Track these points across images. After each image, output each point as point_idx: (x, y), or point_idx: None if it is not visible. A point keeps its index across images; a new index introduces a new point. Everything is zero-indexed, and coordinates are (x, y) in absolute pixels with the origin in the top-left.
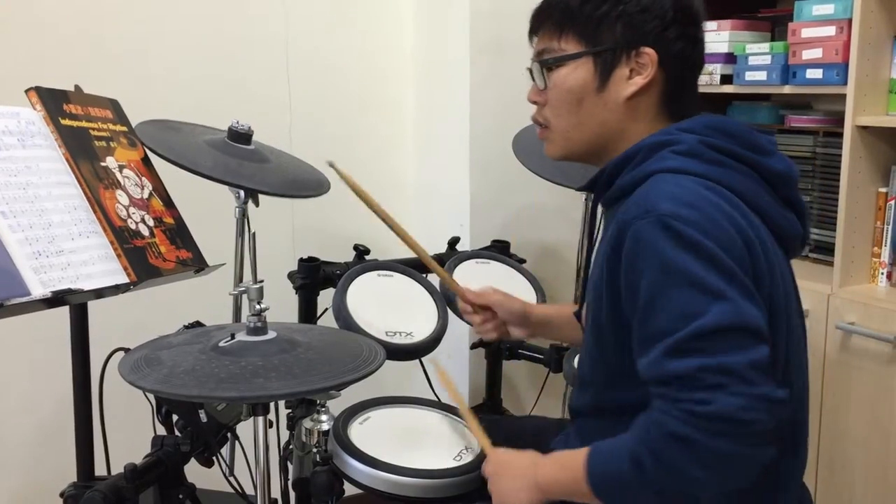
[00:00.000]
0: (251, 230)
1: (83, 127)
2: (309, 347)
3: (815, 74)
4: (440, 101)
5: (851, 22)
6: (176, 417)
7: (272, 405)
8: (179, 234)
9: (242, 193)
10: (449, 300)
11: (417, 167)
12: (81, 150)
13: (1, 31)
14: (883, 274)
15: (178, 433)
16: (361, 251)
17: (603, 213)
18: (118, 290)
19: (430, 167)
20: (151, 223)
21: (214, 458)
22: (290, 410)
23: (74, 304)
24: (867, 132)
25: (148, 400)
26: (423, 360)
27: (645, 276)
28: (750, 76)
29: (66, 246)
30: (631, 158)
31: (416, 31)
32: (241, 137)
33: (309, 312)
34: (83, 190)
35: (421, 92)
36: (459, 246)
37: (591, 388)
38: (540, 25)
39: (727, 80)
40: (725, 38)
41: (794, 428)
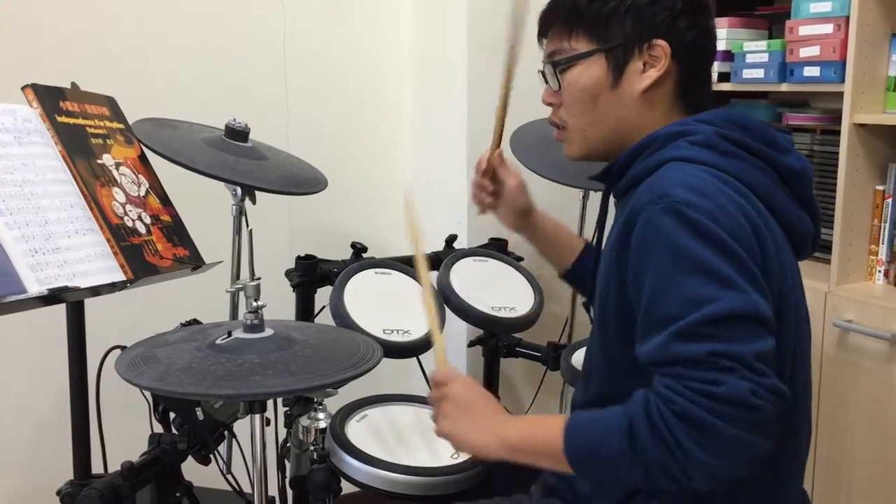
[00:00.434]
0: (248, 228)
1: (80, 124)
2: (306, 345)
3: (812, 72)
4: (438, 99)
5: (849, 19)
6: (173, 415)
7: (269, 403)
8: (176, 231)
9: (239, 191)
10: (446, 298)
11: (415, 165)
12: (78, 147)
13: None
14: (880, 272)
15: (174, 431)
16: (359, 249)
17: (615, 204)
18: (115, 287)
19: (427, 165)
20: (148, 221)
21: (211, 455)
22: (287, 408)
23: (71, 301)
24: (865, 130)
25: (145, 398)
26: (420, 357)
27: (654, 261)
28: (747, 74)
29: (62, 243)
30: (645, 147)
31: (413, 29)
32: (238, 135)
33: (306, 310)
34: (80, 187)
35: (419, 90)
36: (457, 244)
37: (595, 379)
38: (549, 27)
39: (724, 77)
40: (723, 35)
41: (795, 425)
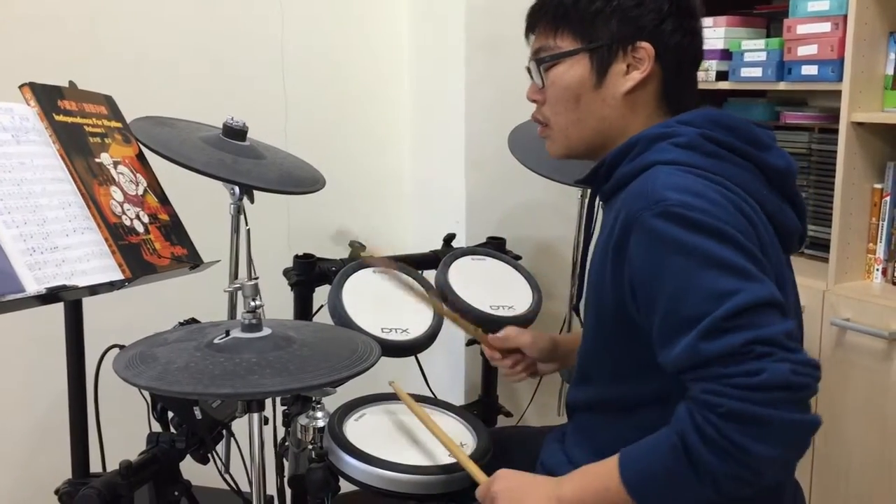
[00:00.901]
0: (246, 227)
1: (77, 123)
2: (304, 344)
3: (810, 71)
4: (436, 97)
5: (847, 18)
6: (171, 414)
7: (267, 402)
8: (174, 230)
9: (237, 190)
10: (444, 297)
11: (413, 164)
12: (76, 146)
13: None
14: (878, 270)
15: (173, 430)
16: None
17: (601, 206)
18: (113, 286)
19: (426, 164)
20: (146, 220)
21: (210, 455)
22: (285, 407)
23: (69, 300)
24: (862, 128)
25: (143, 397)
26: (418, 356)
27: (665, 266)
28: (745, 73)
29: (60, 242)
30: (630, 149)
31: (412, 27)
32: (236, 134)
33: (304, 309)
34: (77, 186)
35: (417, 89)
36: (455, 243)
37: (592, 382)
38: (536, 23)
39: (722, 76)
40: (721, 34)
41: None
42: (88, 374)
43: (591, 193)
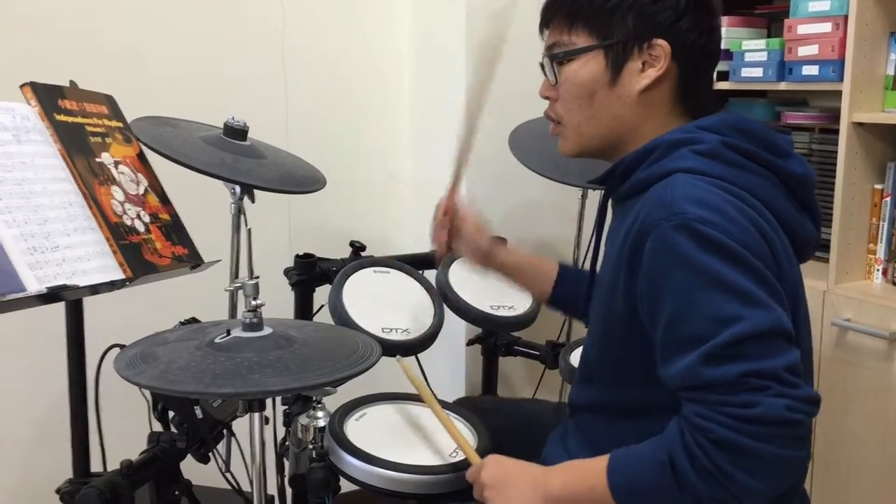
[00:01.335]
0: (247, 226)
1: (78, 123)
2: (305, 344)
3: (811, 71)
4: (436, 97)
5: (847, 18)
6: (172, 414)
7: (268, 401)
8: (175, 230)
9: (238, 189)
10: (444, 297)
11: (413, 164)
12: (77, 145)
13: None
14: (878, 270)
15: (174, 429)
16: (357, 248)
17: (613, 207)
18: (114, 286)
19: (426, 164)
20: (147, 219)
21: (210, 454)
22: (286, 407)
23: (70, 300)
24: (863, 129)
25: (144, 396)
26: (418, 356)
27: (673, 280)
28: (746, 73)
29: (61, 242)
30: (649, 154)
31: (412, 27)
32: (236, 133)
33: (305, 309)
34: (78, 186)
35: (417, 88)
36: None
37: (596, 384)
38: (550, 18)
39: (723, 76)
40: (721, 34)
41: None
42: (89, 373)
43: (603, 194)
